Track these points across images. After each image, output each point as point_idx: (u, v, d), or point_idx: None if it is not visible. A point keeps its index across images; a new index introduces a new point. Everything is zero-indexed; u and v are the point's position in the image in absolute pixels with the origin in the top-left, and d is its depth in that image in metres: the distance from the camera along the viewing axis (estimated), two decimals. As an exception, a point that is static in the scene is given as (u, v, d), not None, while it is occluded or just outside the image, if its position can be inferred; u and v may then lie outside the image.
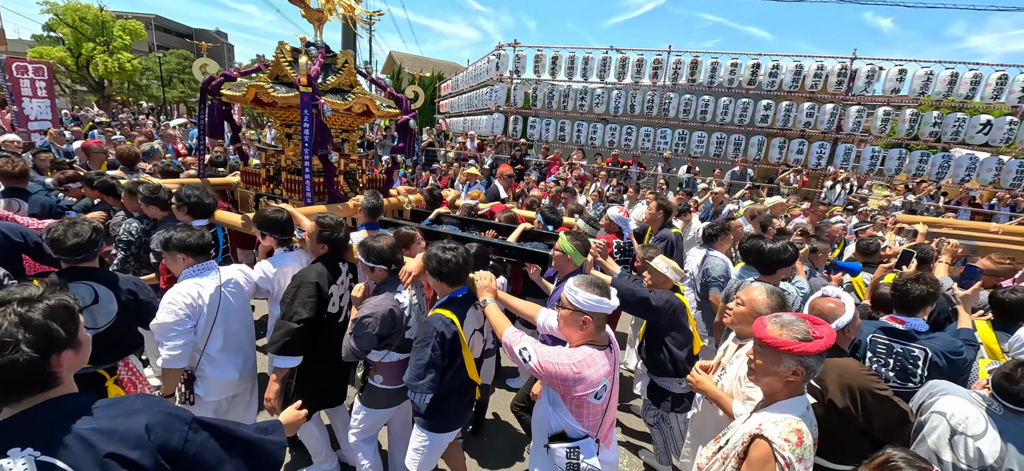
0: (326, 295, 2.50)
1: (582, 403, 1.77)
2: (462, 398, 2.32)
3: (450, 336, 2.12)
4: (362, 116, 4.13)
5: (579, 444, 1.80)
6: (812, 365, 1.57)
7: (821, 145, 9.96)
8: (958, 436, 1.82)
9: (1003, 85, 8.80)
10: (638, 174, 10.81)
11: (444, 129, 14.86)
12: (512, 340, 1.90)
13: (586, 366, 1.74)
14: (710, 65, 10.08)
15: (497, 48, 11.37)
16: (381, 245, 2.35)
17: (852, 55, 9.48)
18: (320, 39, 4.02)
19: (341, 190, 4.07)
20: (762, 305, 2.05)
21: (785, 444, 1.49)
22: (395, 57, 27.57)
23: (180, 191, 3.21)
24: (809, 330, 1.57)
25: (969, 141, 9.27)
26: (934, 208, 9.40)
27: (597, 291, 1.77)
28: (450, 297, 2.24)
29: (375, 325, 2.21)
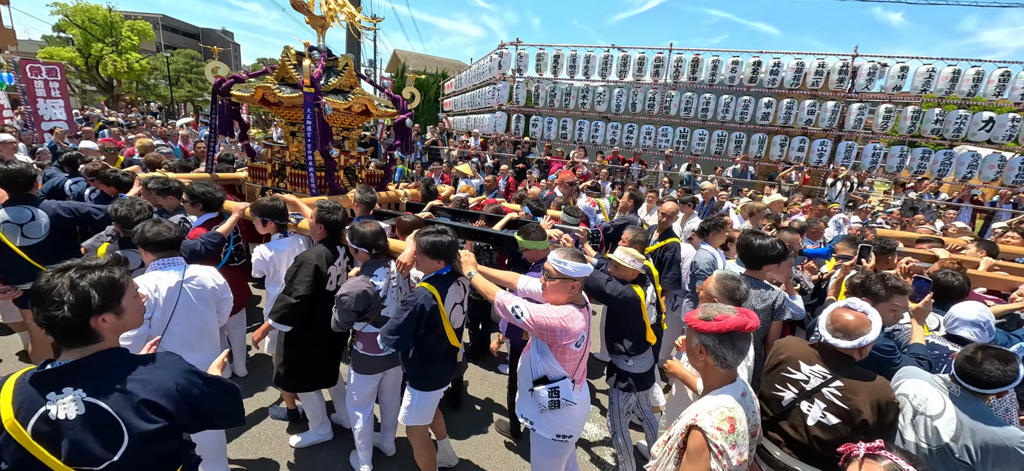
0: (324, 275, 2.75)
1: (565, 350, 2.12)
2: (446, 362, 2.57)
3: (429, 308, 2.35)
4: (361, 115, 4.27)
5: (559, 384, 2.14)
6: (710, 345, 1.65)
7: (822, 143, 9.99)
8: (919, 416, 1.92)
9: (1006, 81, 8.79)
10: (639, 172, 10.88)
11: (447, 127, 15.00)
12: (505, 300, 2.18)
13: (570, 320, 2.08)
14: (711, 63, 10.13)
15: (499, 47, 11.48)
16: (365, 230, 2.60)
17: (854, 53, 9.49)
18: (322, 43, 4.17)
19: (341, 184, 4.22)
20: (712, 289, 2.17)
21: (718, 433, 1.53)
22: (399, 56, 27.80)
23: (191, 187, 3.38)
24: (716, 314, 1.66)
25: (971, 138, 9.26)
26: (935, 206, 9.38)
27: (580, 260, 2.12)
28: (436, 274, 2.46)
29: (350, 302, 2.46)
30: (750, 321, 1.65)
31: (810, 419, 1.96)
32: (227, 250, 3.46)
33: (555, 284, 2.13)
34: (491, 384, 4.08)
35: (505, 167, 9.33)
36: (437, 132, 13.18)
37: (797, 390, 2.02)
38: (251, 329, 4.61)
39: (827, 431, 1.93)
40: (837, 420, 1.90)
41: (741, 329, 1.63)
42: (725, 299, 2.20)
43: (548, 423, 2.25)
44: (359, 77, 4.58)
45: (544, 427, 2.26)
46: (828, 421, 1.93)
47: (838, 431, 1.90)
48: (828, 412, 1.93)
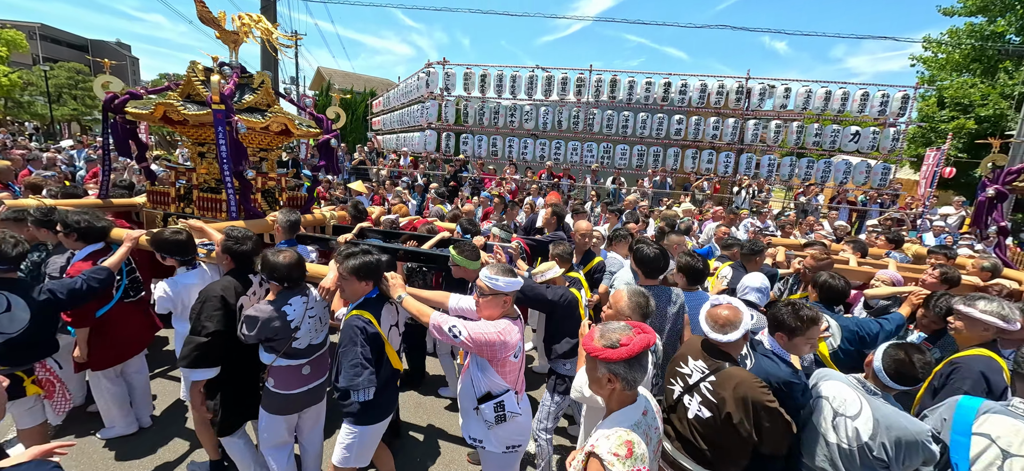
0: (233, 307, 2.52)
1: (505, 363, 2.16)
2: (391, 388, 2.47)
3: (371, 332, 2.26)
4: (281, 135, 4.08)
5: (503, 398, 2.17)
6: (620, 373, 1.57)
7: (727, 155, 11.11)
8: (839, 417, 1.94)
9: (866, 100, 10.40)
10: (569, 186, 11.35)
11: (376, 146, 14.64)
12: (440, 321, 2.17)
13: (507, 333, 2.14)
14: (628, 83, 10.91)
15: (426, 66, 11.50)
16: (277, 261, 2.40)
17: (747, 75, 10.71)
18: (235, 59, 3.94)
19: (259, 208, 3.97)
20: (624, 307, 2.21)
21: (615, 459, 1.48)
22: (323, 73, 26.75)
23: (66, 215, 2.99)
24: (621, 338, 1.58)
25: (844, 149, 10.80)
26: (819, 208, 10.76)
27: (511, 275, 2.18)
28: (365, 298, 2.36)
29: (252, 327, 2.29)
30: (651, 336, 1.65)
31: (690, 412, 2.07)
32: (120, 284, 3.08)
33: (488, 300, 2.17)
34: (427, 410, 3.97)
35: (435, 186, 9.30)
36: (365, 152, 12.82)
37: (683, 384, 2.13)
38: (158, 374, 4.14)
39: (701, 424, 2.02)
40: (709, 413, 1.99)
41: (647, 347, 1.61)
42: (637, 315, 2.21)
43: (496, 438, 2.25)
44: (278, 95, 4.37)
45: (493, 443, 2.26)
46: (702, 415, 2.02)
47: (709, 425, 1.99)
48: (702, 406, 2.03)
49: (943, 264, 3.51)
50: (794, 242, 5.85)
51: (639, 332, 1.61)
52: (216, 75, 3.35)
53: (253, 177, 3.79)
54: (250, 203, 3.81)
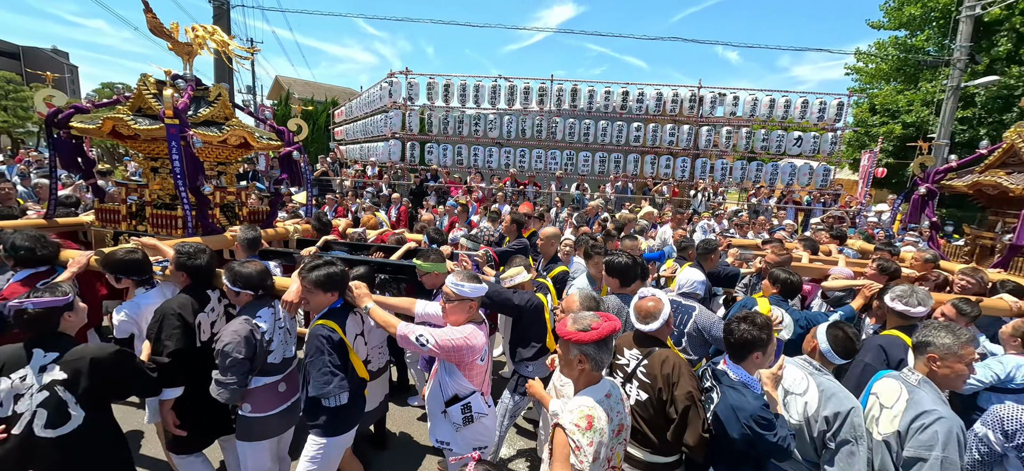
0: (191, 324, 2.44)
1: (472, 366, 2.26)
2: (358, 397, 2.46)
3: (336, 340, 2.26)
4: (240, 148, 4.01)
5: (470, 400, 2.26)
6: (591, 353, 1.74)
7: (683, 160, 11.65)
8: (790, 396, 2.11)
9: (807, 107, 11.19)
10: (535, 193, 11.55)
11: (339, 157, 14.39)
12: (407, 331, 2.22)
13: (473, 337, 2.23)
14: (588, 92, 11.28)
15: (389, 75, 11.47)
16: (248, 270, 2.42)
17: (698, 84, 11.30)
18: (189, 71, 3.86)
19: (218, 223, 3.89)
20: (575, 307, 2.37)
21: (575, 429, 1.65)
22: (282, 82, 25.99)
23: (4, 238, 2.85)
24: (591, 323, 1.75)
25: (789, 152, 11.57)
26: (769, 209, 11.44)
27: (475, 281, 2.28)
28: (329, 308, 2.37)
29: (241, 348, 2.24)
30: (616, 324, 1.82)
31: (631, 398, 2.19)
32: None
33: (454, 305, 2.26)
34: (398, 420, 3.97)
35: (397, 196, 9.27)
36: (327, 163, 12.58)
37: (623, 375, 2.29)
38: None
39: (641, 408, 2.17)
40: (646, 396, 2.15)
41: (613, 332, 1.79)
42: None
43: (464, 440, 2.34)
44: (236, 107, 4.30)
45: (460, 445, 2.35)
46: (641, 398, 2.17)
47: (647, 407, 2.14)
48: (640, 389, 2.18)
49: (881, 258, 3.85)
50: (749, 242, 6.23)
51: (606, 320, 1.80)
52: (169, 89, 3.29)
53: (211, 192, 3.71)
54: (208, 218, 3.73)
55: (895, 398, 1.98)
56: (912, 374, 2.00)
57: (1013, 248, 4.07)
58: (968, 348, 1.94)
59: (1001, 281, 3.55)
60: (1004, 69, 14.28)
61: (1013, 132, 4.35)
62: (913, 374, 2.00)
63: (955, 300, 2.94)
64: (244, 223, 4.23)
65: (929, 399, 1.88)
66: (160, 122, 3.24)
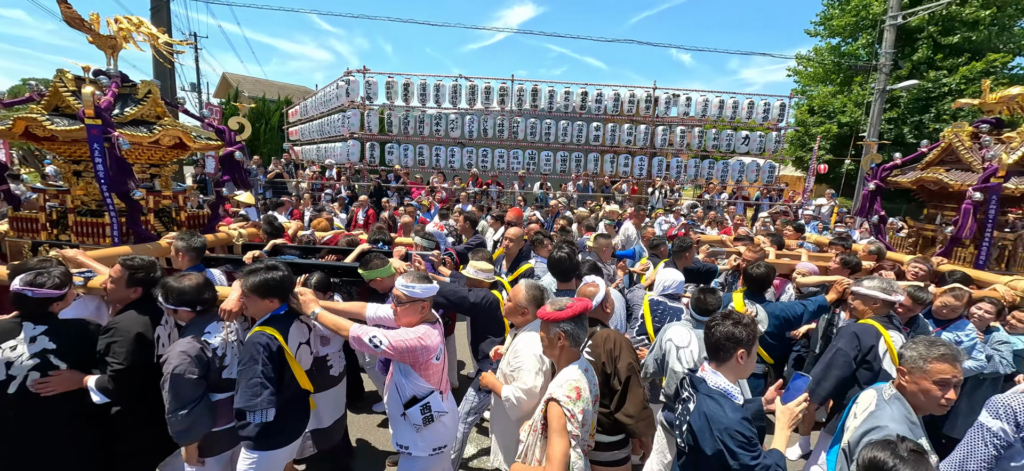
0: (149, 339, 2.33)
1: (428, 366, 2.24)
2: (297, 410, 2.36)
3: (275, 349, 2.16)
4: (175, 149, 3.75)
5: (429, 400, 2.25)
6: (569, 330, 1.95)
7: (641, 159, 11.98)
8: (681, 350, 2.54)
9: (752, 108, 11.78)
10: (498, 192, 11.54)
11: (295, 158, 13.82)
12: (360, 333, 2.18)
13: (427, 337, 2.21)
14: (548, 92, 11.38)
15: (346, 74, 11.11)
16: (182, 285, 2.24)
17: (654, 85, 11.65)
18: (114, 67, 3.56)
19: (152, 229, 3.62)
20: (521, 298, 2.39)
21: (568, 399, 1.84)
22: (230, 79, 24.70)
23: None
24: (566, 303, 1.98)
25: (738, 151, 12.15)
26: (721, 205, 11.97)
27: (425, 281, 2.27)
28: (271, 315, 2.27)
29: (193, 368, 2.10)
30: (587, 303, 2.08)
31: None
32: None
33: (406, 308, 2.23)
34: (359, 427, 3.86)
35: (365, 199, 9.01)
36: (281, 164, 12.05)
37: None
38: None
39: None
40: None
41: (587, 310, 2.05)
42: (533, 305, 2.37)
43: (424, 441, 2.32)
44: (170, 105, 4.02)
45: (420, 447, 2.33)
46: None
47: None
48: None
49: (844, 253, 4.07)
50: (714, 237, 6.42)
51: (577, 300, 2.03)
52: (89, 86, 3.02)
53: (142, 197, 3.45)
54: (140, 225, 3.46)
55: (864, 409, 1.88)
56: (888, 388, 1.89)
57: (954, 239, 4.38)
58: (938, 365, 1.71)
59: (949, 271, 3.78)
60: (923, 73, 15.64)
61: (950, 132, 4.67)
62: (889, 388, 1.89)
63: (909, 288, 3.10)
64: (183, 229, 3.97)
65: (888, 416, 1.74)
66: (79, 122, 2.97)
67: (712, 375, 1.86)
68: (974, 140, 4.51)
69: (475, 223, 5.02)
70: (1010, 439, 1.92)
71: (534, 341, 2.21)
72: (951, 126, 4.75)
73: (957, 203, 4.48)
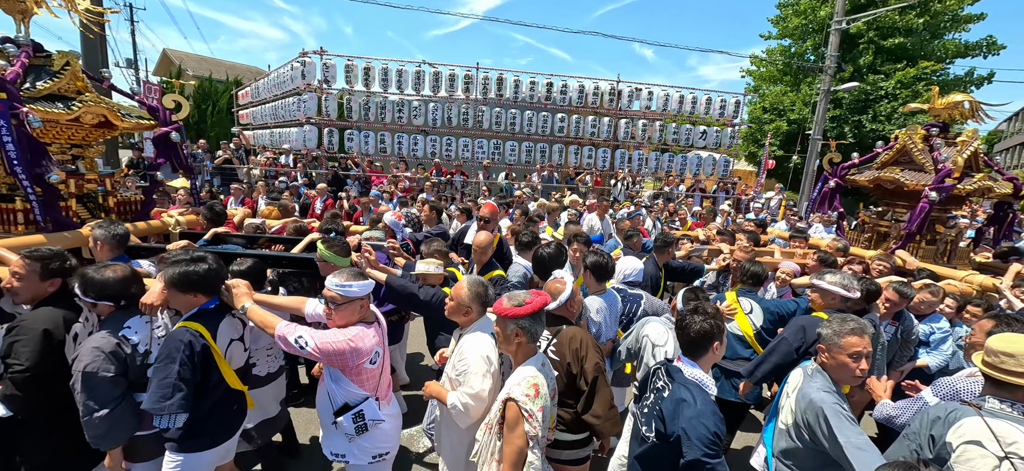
0: (59, 340, 2.11)
1: (361, 370, 2.08)
2: (226, 410, 2.20)
3: (199, 348, 2.00)
4: (100, 129, 3.39)
5: (362, 407, 2.10)
6: (526, 326, 1.90)
7: (604, 151, 12.13)
8: (657, 348, 2.58)
9: (710, 104, 12.17)
10: (462, 182, 11.37)
11: (245, 143, 13.04)
12: (285, 332, 2.02)
13: (359, 339, 2.04)
14: (514, 82, 11.28)
15: (301, 54, 10.54)
16: (105, 276, 2.04)
17: (617, 79, 11.79)
18: (25, 35, 3.16)
19: (74, 216, 3.27)
20: (464, 296, 2.24)
21: (526, 398, 1.80)
22: (172, 56, 22.97)
23: None
24: (524, 298, 1.92)
25: (696, 145, 12.54)
26: (678, 197, 12.33)
27: (362, 277, 2.10)
28: (199, 309, 2.11)
29: (108, 366, 1.91)
30: (545, 299, 2.01)
31: None
32: None
33: (341, 309, 2.07)
34: (315, 423, 3.68)
35: (323, 186, 8.61)
36: (231, 149, 11.33)
37: None
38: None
39: None
40: (555, 372, 2.17)
41: (544, 305, 1.97)
42: (478, 304, 2.24)
43: (360, 449, 2.19)
44: (96, 80, 3.62)
45: (357, 455, 2.20)
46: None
47: (557, 383, 2.17)
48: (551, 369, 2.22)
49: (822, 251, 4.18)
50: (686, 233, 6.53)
51: (536, 295, 1.97)
52: (-7, 53, 2.66)
53: (61, 180, 3.10)
54: (58, 212, 3.11)
55: (794, 387, 2.05)
56: (811, 365, 2.05)
57: (909, 235, 4.65)
58: (850, 338, 1.88)
59: (918, 269, 3.98)
60: (863, 76, 16.70)
61: (904, 135, 4.96)
62: (812, 365, 2.05)
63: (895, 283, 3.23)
64: (112, 216, 3.63)
65: (813, 387, 1.91)
66: (-20, 94, 2.61)
67: (689, 367, 1.90)
68: (925, 142, 4.81)
69: (441, 213, 4.81)
70: None
71: (480, 342, 2.12)
72: (905, 129, 5.05)
73: (909, 201, 4.77)
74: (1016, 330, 2.09)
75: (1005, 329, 2.11)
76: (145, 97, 3.90)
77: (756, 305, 3.22)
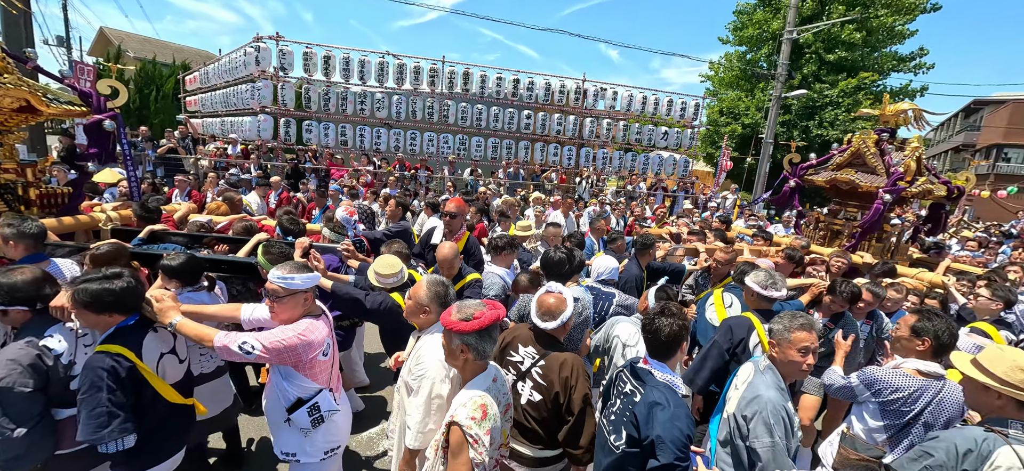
0: None
1: (314, 364, 2.02)
2: (167, 426, 2.07)
3: (124, 372, 1.83)
4: (21, 113, 3.06)
5: (317, 400, 2.04)
6: (472, 343, 1.72)
7: (570, 149, 12.26)
8: (627, 348, 2.56)
9: (671, 106, 12.55)
10: (427, 177, 11.17)
11: (192, 132, 12.27)
12: (227, 341, 1.91)
13: (309, 332, 1.99)
14: (480, 77, 11.18)
15: (255, 39, 9.99)
16: (14, 280, 1.86)
17: (583, 77, 11.94)
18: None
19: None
20: (421, 295, 2.14)
21: (472, 423, 1.64)
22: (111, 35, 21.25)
23: None
24: (474, 313, 1.74)
25: (658, 145, 12.91)
26: (643, 196, 12.66)
27: (307, 270, 2.04)
28: (117, 329, 1.93)
29: (26, 380, 1.73)
30: (500, 312, 1.80)
31: (523, 397, 2.15)
32: None
33: (284, 303, 2.00)
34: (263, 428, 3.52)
35: (277, 180, 8.21)
36: (176, 138, 10.63)
37: (516, 372, 2.21)
38: None
39: (533, 408, 2.12)
40: (539, 396, 2.10)
41: (496, 321, 1.77)
42: (436, 304, 2.14)
43: (313, 445, 2.12)
44: (18, 60, 3.27)
45: (310, 452, 2.13)
46: (534, 398, 2.12)
47: (540, 407, 2.10)
48: (534, 390, 2.13)
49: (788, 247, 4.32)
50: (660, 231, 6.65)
51: (491, 308, 1.78)
52: None
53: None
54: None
55: (744, 380, 2.04)
56: (763, 360, 2.05)
57: (863, 232, 4.92)
58: (799, 334, 1.89)
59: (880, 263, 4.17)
60: (810, 85, 17.74)
61: (858, 139, 5.25)
62: (764, 360, 2.05)
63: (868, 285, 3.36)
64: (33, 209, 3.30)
65: (763, 384, 1.90)
66: None
67: (659, 370, 1.87)
68: (876, 146, 5.13)
69: (406, 208, 4.56)
70: (857, 394, 2.43)
71: (439, 345, 1.99)
72: (859, 133, 5.36)
73: (860, 201, 5.07)
74: (936, 323, 2.30)
75: (926, 322, 2.31)
76: (77, 80, 3.56)
77: (736, 299, 3.32)
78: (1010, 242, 9.35)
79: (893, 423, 2.30)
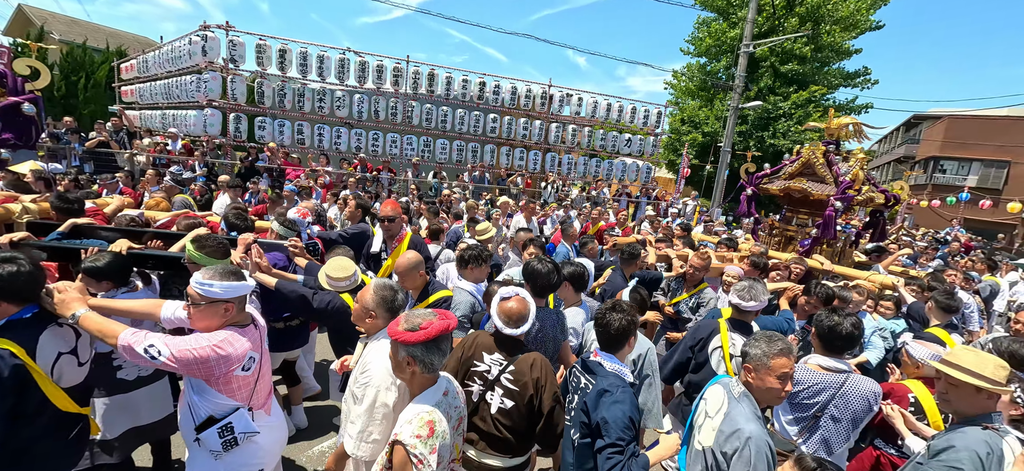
0: None
1: (230, 378, 1.83)
2: (58, 438, 1.86)
3: (8, 371, 1.63)
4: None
5: (231, 419, 1.85)
6: (418, 355, 1.63)
7: (535, 153, 12.24)
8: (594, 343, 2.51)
9: (635, 113, 12.81)
10: (389, 180, 10.78)
11: (127, 124, 11.28)
12: (132, 341, 1.73)
13: (227, 344, 1.80)
14: (446, 78, 10.95)
15: (202, 28, 9.29)
16: None
17: (549, 83, 11.95)
18: None
19: None
20: (368, 299, 2.04)
21: (417, 441, 1.54)
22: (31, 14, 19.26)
23: None
24: (421, 322, 1.63)
25: (622, 151, 13.13)
26: (606, 201, 12.83)
27: (233, 278, 1.84)
28: (7, 321, 1.74)
29: None
30: (451, 322, 1.72)
31: (493, 407, 2.05)
32: None
33: (202, 310, 1.82)
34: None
35: (226, 178, 7.61)
36: (109, 131, 9.71)
37: (482, 382, 2.09)
38: None
39: (506, 416, 2.03)
40: (512, 403, 2.02)
41: (445, 331, 1.68)
42: (383, 309, 2.04)
43: (227, 468, 1.91)
44: None
45: None
46: (506, 406, 2.03)
47: (514, 414, 2.02)
48: (505, 397, 2.04)
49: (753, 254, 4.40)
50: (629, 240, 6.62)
51: (441, 318, 1.68)
52: None
53: None
54: None
55: (717, 408, 1.89)
56: (736, 385, 1.90)
57: (815, 239, 5.12)
58: (778, 359, 1.78)
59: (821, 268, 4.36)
60: (765, 97, 18.69)
61: (808, 150, 5.50)
62: (737, 385, 1.89)
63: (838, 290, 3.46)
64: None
65: (743, 415, 1.77)
66: None
67: (609, 361, 1.98)
68: (825, 157, 5.39)
69: (367, 211, 4.34)
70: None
71: (386, 352, 1.86)
72: (808, 145, 5.61)
73: (811, 208, 5.30)
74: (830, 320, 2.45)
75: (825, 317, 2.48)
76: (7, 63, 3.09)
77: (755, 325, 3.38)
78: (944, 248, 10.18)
79: (801, 416, 2.42)
